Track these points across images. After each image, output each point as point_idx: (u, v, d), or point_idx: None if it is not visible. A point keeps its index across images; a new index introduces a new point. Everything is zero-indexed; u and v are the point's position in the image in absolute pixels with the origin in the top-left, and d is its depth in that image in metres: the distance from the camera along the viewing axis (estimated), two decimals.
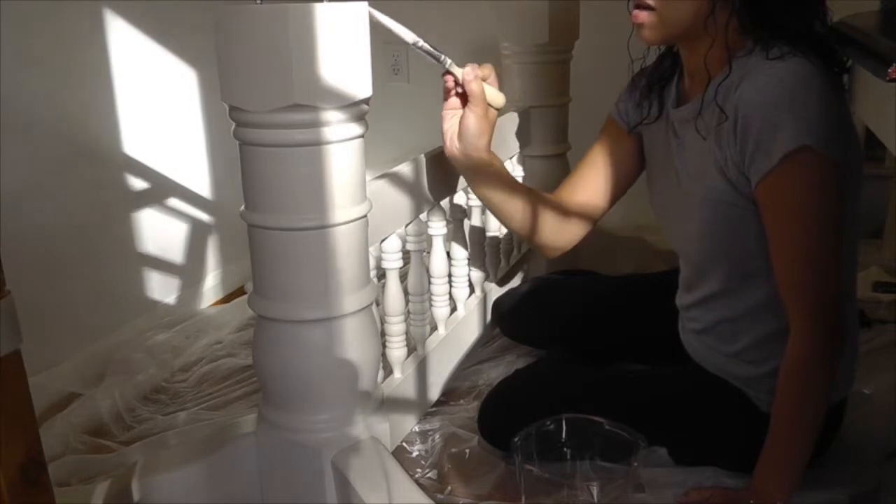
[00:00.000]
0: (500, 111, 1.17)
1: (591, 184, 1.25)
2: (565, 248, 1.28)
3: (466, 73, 1.10)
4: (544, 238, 1.25)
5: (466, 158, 1.14)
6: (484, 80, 1.11)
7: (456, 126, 1.13)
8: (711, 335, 1.15)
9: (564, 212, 1.24)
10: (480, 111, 1.11)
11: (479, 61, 1.08)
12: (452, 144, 1.13)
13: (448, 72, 1.11)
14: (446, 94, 1.14)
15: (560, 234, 1.25)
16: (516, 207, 1.20)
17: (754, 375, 1.10)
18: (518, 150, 1.70)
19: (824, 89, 0.92)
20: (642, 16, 1.01)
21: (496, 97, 1.13)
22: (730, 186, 1.01)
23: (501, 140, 1.57)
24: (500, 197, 1.19)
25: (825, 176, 0.93)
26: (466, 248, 1.51)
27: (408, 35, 1.08)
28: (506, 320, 1.57)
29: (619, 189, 1.25)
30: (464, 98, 1.12)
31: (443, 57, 1.10)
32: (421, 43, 1.08)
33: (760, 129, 0.93)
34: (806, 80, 0.92)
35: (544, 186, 1.81)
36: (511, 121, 1.68)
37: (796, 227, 0.96)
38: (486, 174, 1.17)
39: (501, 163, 1.19)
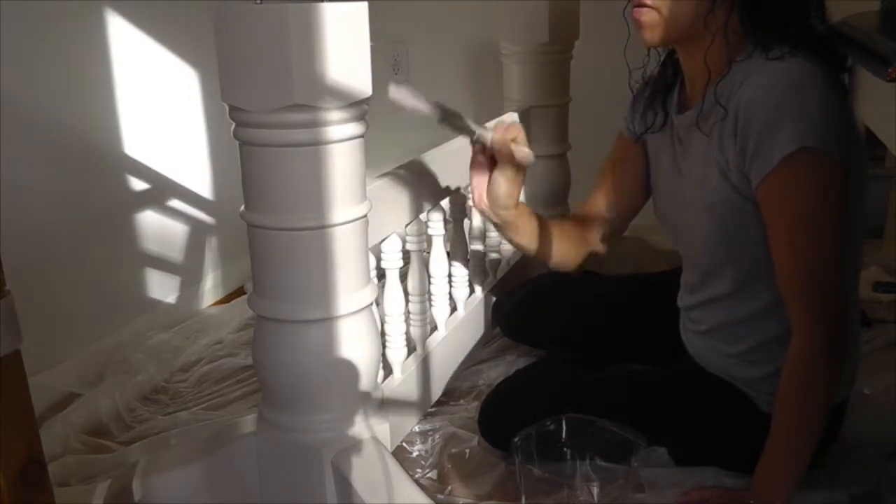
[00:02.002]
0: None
1: (613, 201, 1.26)
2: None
3: (496, 141, 1.06)
4: (572, 263, 1.28)
5: (496, 216, 1.14)
6: (513, 141, 1.07)
7: (484, 184, 1.11)
8: (714, 336, 1.14)
9: (589, 236, 1.27)
10: (511, 174, 1.09)
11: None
12: (481, 201, 1.13)
13: (478, 141, 1.08)
14: (474, 154, 1.12)
15: (585, 255, 1.28)
16: (544, 248, 1.23)
17: (756, 376, 1.10)
18: None
19: (825, 89, 0.92)
20: (643, 15, 1.00)
21: (526, 157, 1.09)
22: (733, 190, 1.01)
23: None
24: (527, 241, 1.21)
25: (825, 177, 0.93)
26: (466, 248, 1.51)
27: (434, 113, 1.04)
28: (506, 320, 1.57)
29: (640, 201, 1.26)
30: (492, 158, 1.10)
31: (474, 129, 1.06)
32: (448, 121, 1.05)
33: (761, 130, 0.93)
34: (806, 79, 0.92)
35: (545, 186, 1.82)
36: (511, 120, 1.68)
37: (796, 227, 0.95)
38: (515, 226, 1.17)
39: (527, 210, 1.19)
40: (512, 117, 1.68)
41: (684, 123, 1.09)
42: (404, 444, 1.28)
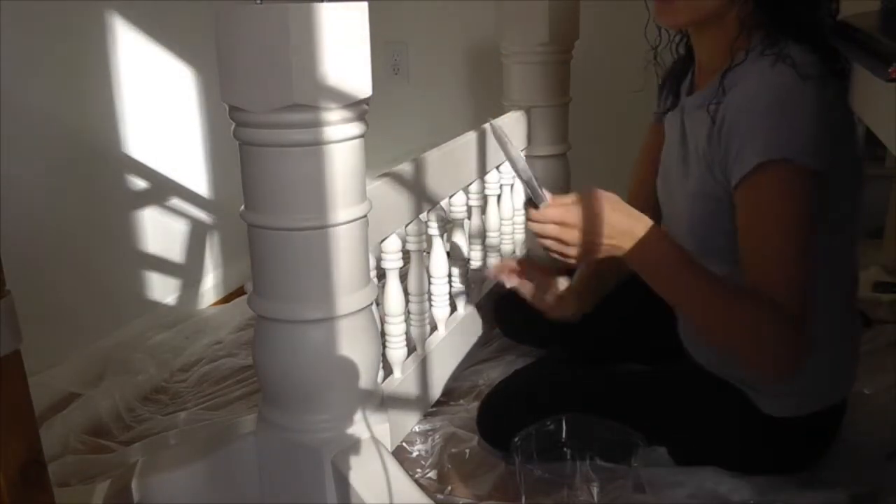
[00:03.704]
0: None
1: (649, 190, 1.26)
2: None
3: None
4: None
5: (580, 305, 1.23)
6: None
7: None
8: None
9: None
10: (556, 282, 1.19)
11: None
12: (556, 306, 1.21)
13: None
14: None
15: None
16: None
17: (753, 376, 1.09)
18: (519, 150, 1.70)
19: (812, 100, 0.92)
20: (668, 2, 1.01)
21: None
22: (715, 183, 1.02)
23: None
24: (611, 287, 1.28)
25: (797, 186, 0.93)
26: (466, 249, 1.51)
27: (520, 163, 1.01)
28: (506, 320, 1.57)
29: None
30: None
31: (543, 198, 1.00)
32: (529, 175, 1.00)
33: (742, 136, 0.94)
34: (793, 90, 0.92)
35: (545, 185, 1.82)
36: (512, 120, 1.68)
37: (765, 230, 0.95)
38: (595, 294, 1.26)
39: (587, 284, 1.25)
40: (512, 116, 1.68)
41: (691, 105, 1.10)
42: (404, 444, 1.28)
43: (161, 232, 1.85)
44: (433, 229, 1.33)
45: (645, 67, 1.17)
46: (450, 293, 1.41)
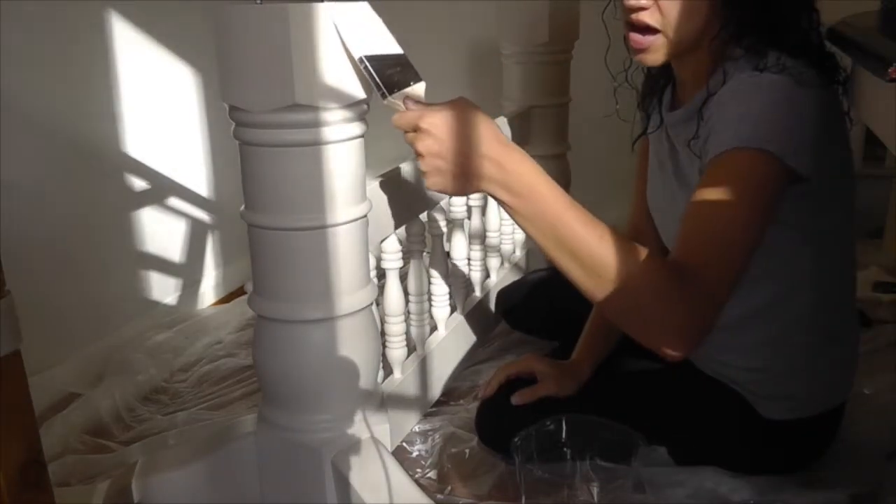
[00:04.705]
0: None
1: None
2: None
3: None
4: None
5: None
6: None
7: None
8: (704, 343, 1.13)
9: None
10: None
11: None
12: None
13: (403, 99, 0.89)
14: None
15: None
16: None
17: (751, 380, 1.09)
18: None
19: (807, 104, 0.89)
20: (646, 41, 0.97)
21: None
22: None
23: None
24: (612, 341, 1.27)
25: (770, 181, 0.89)
26: (467, 248, 1.51)
27: (356, 48, 0.88)
28: (513, 312, 1.56)
29: None
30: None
31: (386, 95, 0.88)
32: (360, 56, 0.87)
33: (730, 121, 0.90)
34: (791, 93, 0.89)
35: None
36: (511, 121, 1.68)
37: (721, 204, 0.88)
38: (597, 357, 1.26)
39: (586, 354, 1.26)
40: (511, 118, 1.68)
41: (672, 122, 1.09)
42: (404, 444, 1.28)
43: (161, 232, 1.85)
44: (433, 229, 1.33)
45: (615, 91, 1.14)
46: (449, 293, 1.42)
